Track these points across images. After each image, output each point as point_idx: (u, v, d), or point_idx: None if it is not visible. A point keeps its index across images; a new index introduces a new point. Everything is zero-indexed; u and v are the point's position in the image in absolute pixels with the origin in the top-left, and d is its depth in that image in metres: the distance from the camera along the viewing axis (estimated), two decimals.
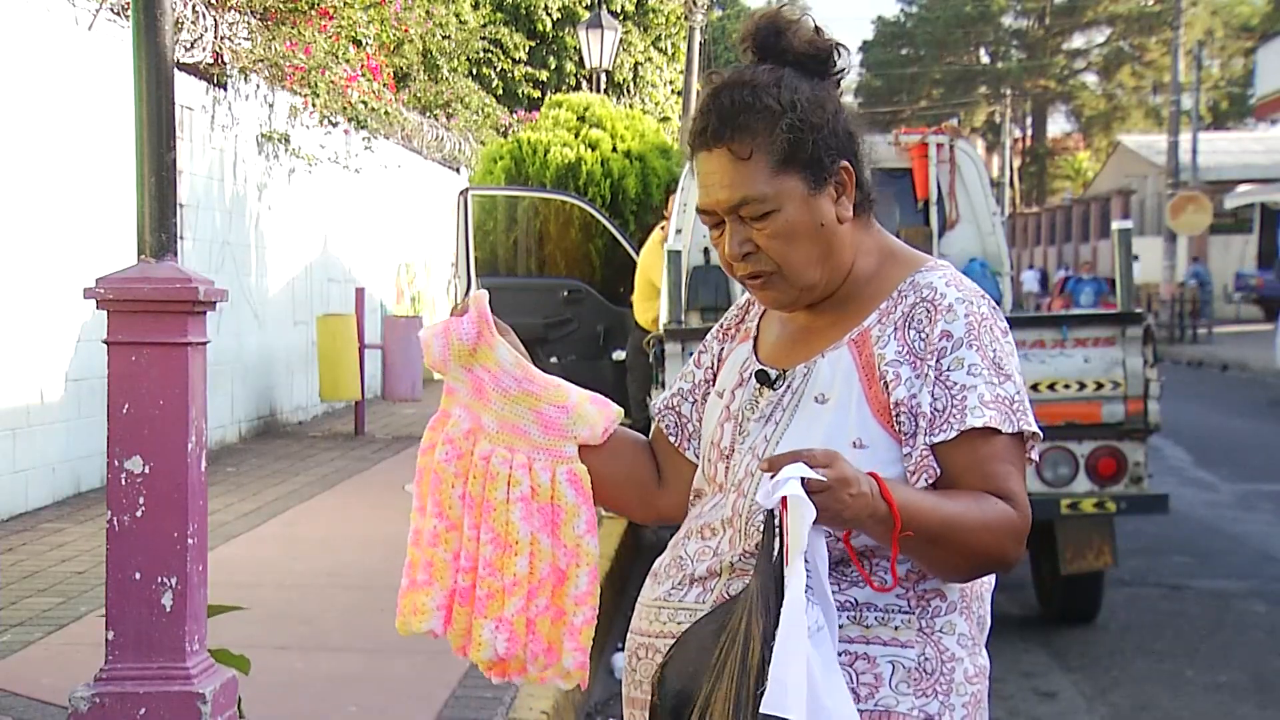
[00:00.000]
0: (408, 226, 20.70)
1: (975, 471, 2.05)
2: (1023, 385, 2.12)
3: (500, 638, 2.28)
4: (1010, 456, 2.08)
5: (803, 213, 2.13)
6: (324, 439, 14.04)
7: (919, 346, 2.10)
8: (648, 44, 28.71)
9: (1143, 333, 7.06)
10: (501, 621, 2.29)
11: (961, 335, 2.09)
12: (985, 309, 2.14)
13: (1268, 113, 37.10)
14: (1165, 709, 6.35)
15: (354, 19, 14.13)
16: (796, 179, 2.12)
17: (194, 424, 4.28)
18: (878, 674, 2.07)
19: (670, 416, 2.39)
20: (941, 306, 2.11)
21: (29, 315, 9.46)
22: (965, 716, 2.11)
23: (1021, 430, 2.09)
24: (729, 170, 2.13)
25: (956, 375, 2.07)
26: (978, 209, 8.91)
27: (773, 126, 2.11)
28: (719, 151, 2.13)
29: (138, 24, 4.29)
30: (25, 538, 8.54)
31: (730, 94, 2.14)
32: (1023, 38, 68.63)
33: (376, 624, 6.64)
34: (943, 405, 2.07)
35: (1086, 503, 7.07)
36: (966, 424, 2.05)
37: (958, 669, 2.11)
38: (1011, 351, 2.13)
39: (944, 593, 2.12)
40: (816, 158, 2.13)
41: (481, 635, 2.31)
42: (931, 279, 2.15)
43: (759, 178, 2.11)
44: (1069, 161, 72.48)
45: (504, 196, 11.39)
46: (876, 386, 2.10)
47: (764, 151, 2.11)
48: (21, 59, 9.40)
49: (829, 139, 2.14)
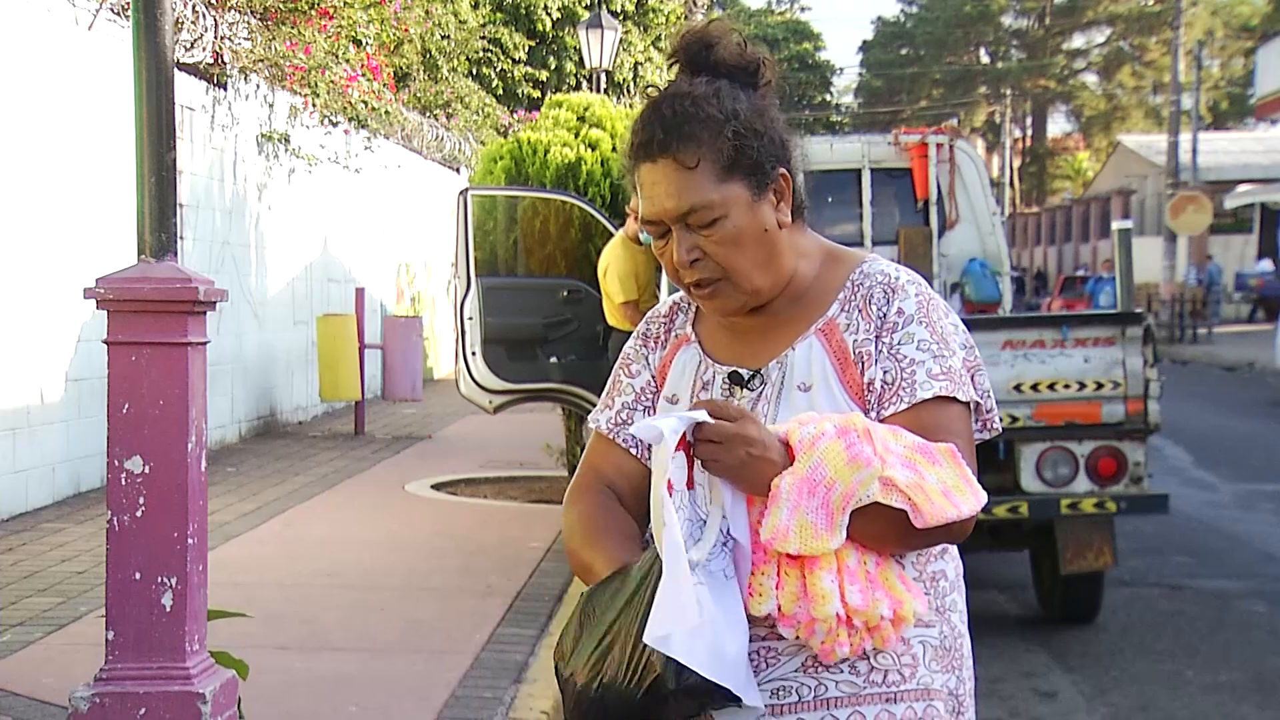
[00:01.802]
0: (408, 226, 20.70)
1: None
2: (962, 363, 2.20)
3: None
4: (958, 428, 2.15)
5: (748, 219, 2.18)
6: (324, 439, 14.04)
7: (880, 325, 2.20)
8: (648, 44, 28.72)
9: (1143, 333, 7.07)
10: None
11: (912, 312, 2.19)
12: (930, 291, 2.25)
13: (1268, 113, 37.11)
14: (1165, 709, 6.35)
15: (354, 19, 14.13)
16: (741, 186, 2.18)
17: (194, 424, 4.28)
18: (914, 655, 2.16)
19: (626, 432, 2.36)
20: (897, 287, 2.22)
21: (29, 315, 9.46)
22: (970, 690, 2.25)
23: (970, 401, 2.18)
24: (675, 179, 2.17)
25: (906, 349, 2.17)
26: (978, 209, 8.92)
27: (717, 134, 2.16)
28: (664, 162, 2.17)
29: (138, 24, 4.29)
30: (25, 538, 8.54)
31: (672, 105, 2.19)
32: (1023, 38, 68.63)
33: (376, 624, 6.65)
34: (893, 378, 2.16)
35: (1086, 503, 7.07)
36: (917, 396, 2.14)
37: (963, 644, 2.25)
38: (953, 332, 2.22)
39: (945, 572, 2.23)
40: (759, 164, 2.19)
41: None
42: (882, 266, 2.26)
43: (705, 185, 2.16)
44: (1069, 161, 72.48)
45: (504, 196, 11.38)
46: (852, 370, 2.19)
47: (709, 159, 2.16)
48: (21, 59, 9.40)
49: (769, 146, 2.20)
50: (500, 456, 12.61)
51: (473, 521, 9.43)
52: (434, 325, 21.97)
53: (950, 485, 2.04)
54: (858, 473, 2.00)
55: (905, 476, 2.02)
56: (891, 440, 2.05)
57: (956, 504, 2.04)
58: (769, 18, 51.79)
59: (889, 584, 2.08)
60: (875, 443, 2.03)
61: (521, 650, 6.21)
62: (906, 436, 2.07)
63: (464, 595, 7.28)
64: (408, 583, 7.55)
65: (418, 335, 15.46)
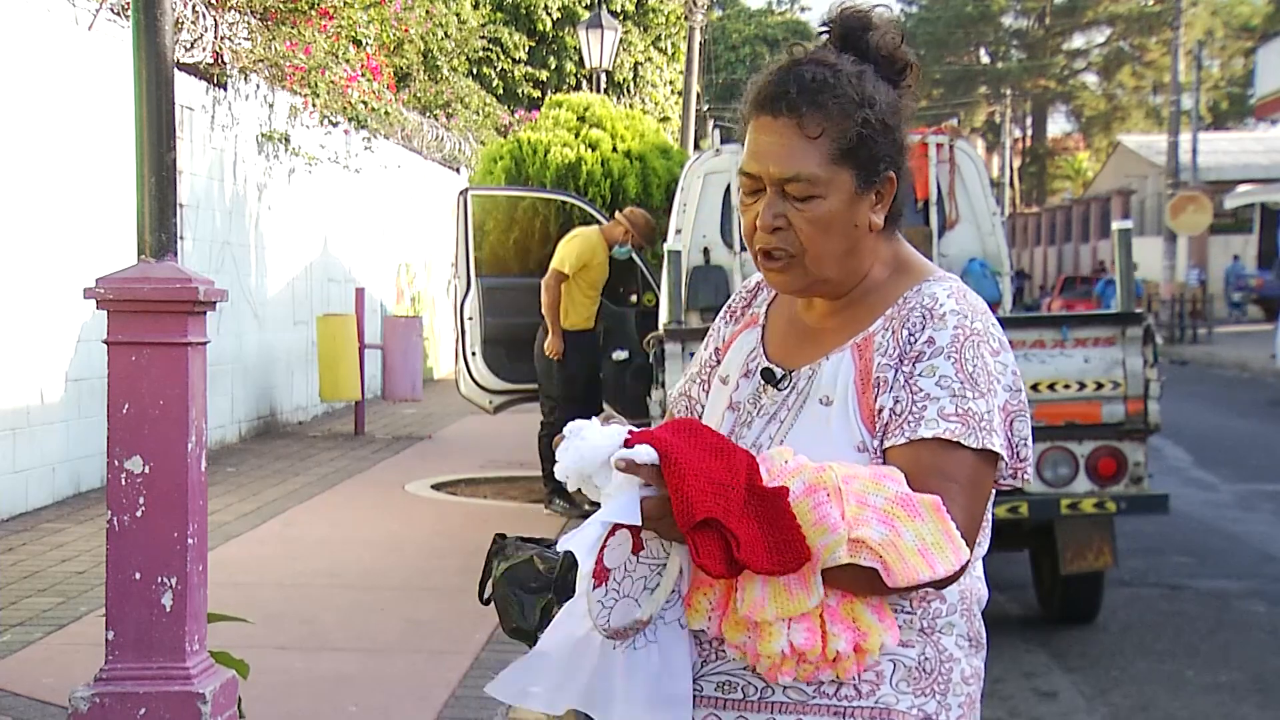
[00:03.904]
0: (408, 226, 20.70)
1: (916, 482, 1.99)
2: (997, 407, 2.07)
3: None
4: (960, 474, 2.03)
5: (844, 207, 2.11)
6: (324, 439, 14.04)
7: (906, 351, 2.09)
8: (648, 44, 28.73)
9: (1143, 333, 7.07)
10: None
11: (943, 345, 2.07)
12: (979, 326, 2.11)
13: (1268, 113, 37.10)
14: (1165, 709, 6.35)
15: (354, 19, 14.14)
16: (849, 174, 2.11)
17: (194, 424, 4.28)
18: (879, 672, 2.08)
19: (683, 402, 2.38)
20: (936, 315, 2.10)
21: (29, 315, 9.46)
22: (960, 716, 2.13)
23: (986, 448, 2.04)
24: (791, 143, 2.09)
25: (924, 382, 2.06)
26: (977, 209, 8.91)
27: (847, 115, 2.09)
28: (786, 121, 2.10)
29: (138, 24, 4.30)
30: (25, 538, 8.54)
31: (813, 69, 2.11)
32: (1023, 38, 68.64)
33: (376, 624, 6.65)
34: (901, 410, 2.06)
35: (1086, 503, 7.07)
36: (918, 434, 2.03)
37: (955, 669, 2.12)
38: (997, 373, 2.10)
39: (943, 594, 2.11)
40: (875, 159, 2.12)
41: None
42: (935, 289, 2.14)
43: (817, 160, 2.09)
44: (1069, 161, 72.51)
45: (504, 196, 11.38)
46: (869, 393, 2.10)
47: (832, 136, 2.09)
48: (21, 59, 9.40)
49: (889, 146, 2.13)
50: (500, 456, 12.61)
51: (473, 521, 9.42)
52: (434, 325, 21.97)
53: (930, 542, 1.94)
54: (823, 537, 1.92)
55: (879, 534, 1.92)
56: (872, 492, 1.95)
57: (932, 563, 1.93)
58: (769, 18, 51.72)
59: (854, 615, 2.00)
60: (846, 503, 1.93)
61: (521, 650, 6.20)
62: (890, 487, 1.96)
63: (464, 595, 7.27)
64: (408, 583, 7.55)
65: (418, 335, 15.46)
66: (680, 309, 7.74)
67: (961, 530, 1.98)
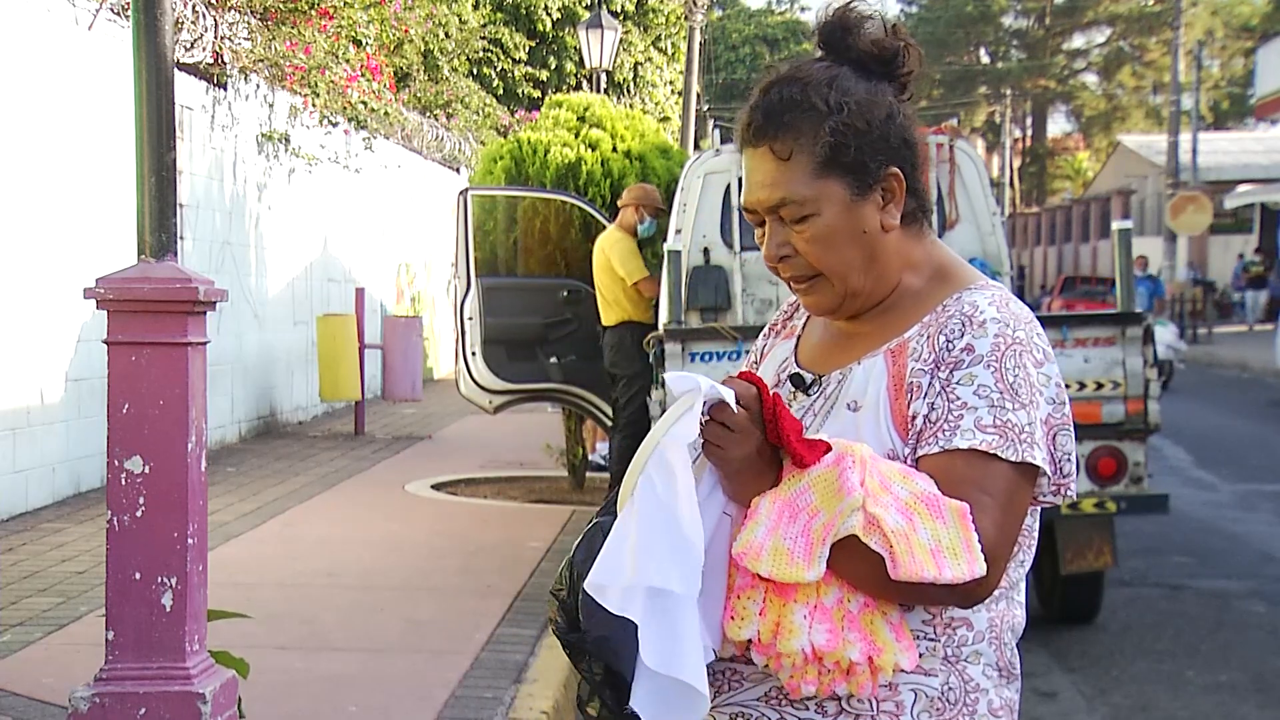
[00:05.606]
0: (408, 226, 20.70)
1: (948, 493, 1.93)
2: (1039, 419, 2.00)
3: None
4: (995, 487, 1.95)
5: (842, 218, 2.06)
6: (324, 439, 14.04)
7: (943, 357, 2.02)
8: (648, 44, 28.72)
9: (1143, 333, 7.07)
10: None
11: (983, 353, 2.00)
12: (1022, 335, 2.03)
13: (1268, 113, 37.10)
14: (1165, 709, 6.35)
15: (354, 19, 14.13)
16: (838, 183, 2.06)
17: (194, 424, 4.28)
18: (899, 701, 2.00)
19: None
20: (976, 322, 2.02)
21: (29, 315, 9.46)
22: None
23: (1026, 461, 1.97)
24: (770, 169, 2.07)
25: (962, 390, 1.99)
26: (978, 209, 8.91)
27: (817, 128, 2.05)
28: (762, 150, 2.08)
29: (138, 24, 4.29)
30: (25, 538, 8.54)
31: (780, 90, 2.08)
32: (1023, 38, 68.61)
33: (376, 624, 6.65)
34: (937, 417, 1.99)
35: (1086, 503, 7.07)
36: (953, 443, 1.96)
37: (982, 700, 2.04)
38: (1039, 384, 2.02)
39: (970, 621, 2.04)
40: (861, 162, 2.06)
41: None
42: (976, 297, 2.07)
43: (799, 179, 2.06)
44: (1069, 161, 72.48)
45: (504, 196, 11.37)
46: (902, 399, 2.04)
47: (805, 153, 2.05)
48: (21, 59, 9.40)
49: (876, 144, 2.07)
50: (500, 456, 12.61)
51: (473, 521, 9.43)
52: (434, 325, 21.97)
53: (945, 545, 1.87)
54: (840, 502, 1.88)
55: (895, 522, 1.87)
56: (899, 482, 1.91)
57: (941, 565, 1.86)
58: (769, 18, 51.72)
59: (872, 628, 1.94)
60: (869, 475, 1.90)
61: (521, 650, 6.21)
62: (919, 483, 1.91)
63: (464, 595, 7.28)
64: (408, 583, 7.55)
65: (418, 335, 15.47)
66: (680, 309, 7.74)
67: (988, 545, 1.91)
